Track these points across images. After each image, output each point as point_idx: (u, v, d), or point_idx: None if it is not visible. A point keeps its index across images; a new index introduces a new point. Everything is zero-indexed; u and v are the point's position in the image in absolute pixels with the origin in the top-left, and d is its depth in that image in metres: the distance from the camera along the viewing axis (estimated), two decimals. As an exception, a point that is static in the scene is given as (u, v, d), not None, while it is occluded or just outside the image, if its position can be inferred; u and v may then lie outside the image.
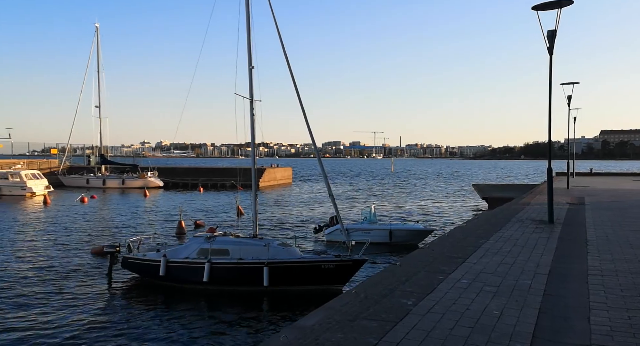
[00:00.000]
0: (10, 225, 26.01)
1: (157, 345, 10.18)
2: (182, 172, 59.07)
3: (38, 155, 72.97)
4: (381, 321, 5.36)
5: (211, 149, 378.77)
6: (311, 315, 6.60)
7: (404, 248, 19.85)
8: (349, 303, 6.74)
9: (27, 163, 51.67)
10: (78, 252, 19.16)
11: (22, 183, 42.82)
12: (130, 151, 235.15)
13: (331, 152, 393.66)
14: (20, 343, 10.12)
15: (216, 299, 13.51)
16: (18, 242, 21.10)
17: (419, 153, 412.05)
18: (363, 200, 43.18)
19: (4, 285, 14.27)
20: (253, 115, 15.95)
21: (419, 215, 31.80)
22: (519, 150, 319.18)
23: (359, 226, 21.17)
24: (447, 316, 5.58)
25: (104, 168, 55.73)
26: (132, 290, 14.37)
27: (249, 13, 15.59)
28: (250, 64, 15.62)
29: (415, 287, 6.87)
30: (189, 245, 15.22)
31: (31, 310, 12.17)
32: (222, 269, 14.05)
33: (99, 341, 10.26)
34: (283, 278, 13.94)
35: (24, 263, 17.06)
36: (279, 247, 14.64)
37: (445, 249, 10.12)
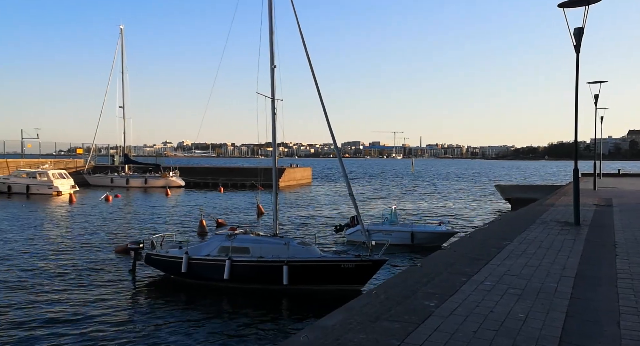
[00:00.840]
0: (37, 223, 26.74)
1: (178, 340, 10.30)
2: (203, 172, 59.73)
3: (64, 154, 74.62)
4: (403, 322, 5.30)
5: (231, 149, 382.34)
6: (331, 315, 6.58)
7: (424, 250, 19.65)
8: (369, 303, 6.70)
9: (54, 163, 53.03)
10: (103, 249, 19.57)
11: (49, 183, 43.94)
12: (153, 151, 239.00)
13: (351, 152, 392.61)
14: (46, 338, 10.37)
15: (236, 297, 13.61)
16: (45, 240, 21.66)
17: (440, 154, 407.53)
18: (383, 200, 42.94)
19: (30, 281, 14.66)
20: (274, 115, 16.00)
21: (440, 216, 31.44)
22: (542, 150, 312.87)
23: (380, 227, 21.04)
24: (470, 319, 5.48)
25: (127, 167, 56.74)
26: (155, 286, 14.60)
27: (271, 13, 15.66)
28: (272, 63, 15.67)
29: (437, 289, 6.77)
30: (210, 242, 15.39)
31: (57, 305, 12.47)
32: (243, 267, 14.15)
33: (122, 336, 10.45)
34: (302, 277, 13.95)
35: (50, 260, 17.50)
36: (298, 246, 14.66)
37: (467, 250, 9.97)
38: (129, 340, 10.27)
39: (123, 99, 56.36)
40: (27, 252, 18.91)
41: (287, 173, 56.70)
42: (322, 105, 15.59)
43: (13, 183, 44.48)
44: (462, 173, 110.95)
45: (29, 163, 51.54)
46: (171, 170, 55.48)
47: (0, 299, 12.81)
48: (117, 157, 60.69)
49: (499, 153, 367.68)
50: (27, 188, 43.93)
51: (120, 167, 57.43)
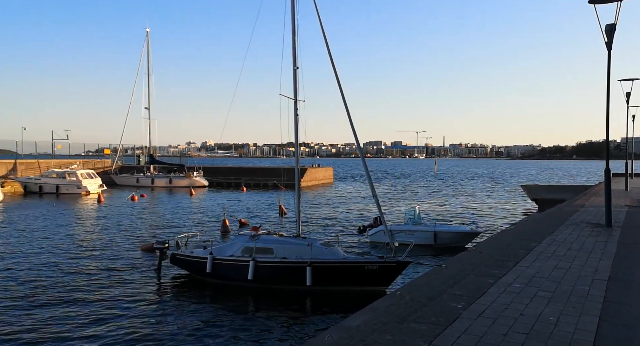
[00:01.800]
0: (67, 222, 27.49)
1: (202, 340, 10.41)
2: (226, 172, 60.36)
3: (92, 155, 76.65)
4: (430, 324, 5.23)
5: (253, 149, 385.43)
6: (356, 315, 6.54)
7: (449, 251, 19.40)
8: (394, 304, 6.64)
9: (82, 163, 54.40)
10: (129, 247, 19.97)
11: (78, 182, 45.11)
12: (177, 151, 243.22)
13: (372, 152, 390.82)
14: (72, 334, 10.63)
15: (260, 297, 13.69)
16: (73, 238, 22.24)
17: (463, 153, 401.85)
18: (406, 200, 42.58)
19: (58, 279, 15.06)
20: (297, 115, 16.04)
21: (464, 217, 30.99)
22: (570, 149, 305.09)
23: (403, 227, 20.85)
24: (499, 322, 5.37)
25: (152, 167, 57.79)
26: (180, 286, 14.81)
27: (294, 14, 15.71)
28: (295, 64, 15.73)
29: (464, 290, 6.66)
30: (234, 243, 15.51)
31: (84, 302, 12.78)
32: (266, 268, 14.22)
33: (147, 335, 10.62)
34: (326, 278, 13.93)
35: (78, 259, 17.96)
36: (321, 247, 14.65)
37: (494, 252, 9.78)
38: (154, 339, 10.44)
39: (149, 100, 57.50)
40: (56, 250, 19.45)
41: (308, 173, 56.80)
42: (345, 105, 15.55)
43: (44, 183, 45.82)
44: (487, 173, 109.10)
45: (59, 164, 53.02)
46: (195, 170, 56.25)
47: (29, 296, 13.18)
48: (142, 158, 61.88)
49: (524, 152, 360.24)
50: (57, 188, 45.19)
51: (145, 167, 58.52)
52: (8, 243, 20.75)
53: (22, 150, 61.40)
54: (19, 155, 58.89)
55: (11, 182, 45.26)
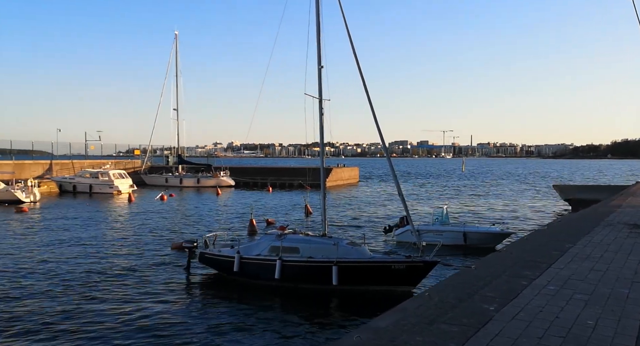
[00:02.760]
0: (99, 221, 28.27)
1: (230, 338, 10.50)
2: (252, 172, 60.92)
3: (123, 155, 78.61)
4: (462, 326, 5.11)
5: (279, 149, 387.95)
6: (384, 316, 6.47)
7: (478, 252, 19.02)
8: (422, 305, 6.53)
9: (114, 163, 55.85)
10: (159, 246, 20.37)
11: (110, 182, 46.35)
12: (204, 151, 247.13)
13: (398, 152, 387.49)
14: (102, 331, 10.89)
15: (287, 296, 13.73)
16: (105, 237, 22.85)
17: (492, 153, 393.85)
18: (433, 200, 42.03)
19: (89, 276, 15.48)
20: (322, 115, 16.02)
21: (493, 217, 30.35)
22: (605, 148, 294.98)
23: (430, 227, 20.57)
24: (534, 324, 5.20)
25: (180, 168, 58.83)
26: (209, 284, 15.00)
27: (319, 14, 15.69)
28: (319, 63, 15.71)
29: (496, 292, 6.49)
30: (260, 242, 15.61)
31: (115, 299, 13.09)
32: (293, 267, 14.25)
33: (176, 332, 10.79)
34: (352, 277, 13.86)
35: (110, 257, 18.44)
36: (348, 246, 14.58)
37: (526, 253, 9.53)
38: (183, 336, 10.58)
39: (177, 102, 58.55)
40: (88, 248, 20.01)
41: (334, 173, 56.74)
42: (370, 104, 15.44)
43: (78, 183, 47.28)
44: (517, 172, 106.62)
45: (92, 164, 54.60)
46: (222, 170, 56.96)
47: (60, 292, 13.59)
48: (171, 158, 63.09)
49: (556, 151, 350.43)
50: (90, 187, 46.55)
51: (174, 167, 59.63)
52: (44, 241, 21.48)
53: (57, 150, 63.61)
54: (54, 155, 61.01)
55: (47, 182, 46.88)
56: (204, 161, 69.92)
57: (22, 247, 20.18)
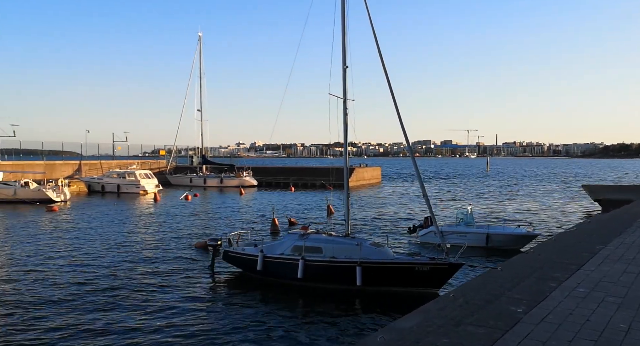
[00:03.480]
0: (126, 220, 28.91)
1: (253, 337, 10.58)
2: (275, 172, 61.27)
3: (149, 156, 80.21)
4: (489, 328, 5.03)
5: (301, 149, 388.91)
6: (408, 317, 6.42)
7: (503, 253, 18.68)
8: (447, 307, 6.46)
9: (140, 164, 57.04)
10: (184, 245, 20.71)
11: (136, 182, 47.34)
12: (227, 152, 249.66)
13: (421, 151, 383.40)
14: (130, 327, 11.12)
15: (310, 296, 13.75)
16: (132, 235, 23.35)
17: (518, 152, 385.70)
18: (457, 201, 41.46)
19: (117, 275, 15.84)
20: (346, 115, 15.99)
21: (519, 218, 29.74)
22: (637, 147, 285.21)
23: (454, 228, 20.29)
24: (564, 327, 5.08)
25: (204, 168, 59.62)
26: (232, 282, 15.16)
27: (344, 14, 15.68)
28: (344, 63, 15.69)
29: (524, 294, 6.37)
30: (283, 241, 15.69)
31: (141, 297, 13.36)
32: (316, 266, 14.27)
33: (200, 330, 10.94)
34: (376, 278, 13.80)
35: (136, 255, 18.83)
36: (371, 247, 14.52)
37: (554, 255, 9.31)
38: (206, 334, 10.72)
39: (201, 103, 59.32)
40: (115, 246, 20.49)
41: (356, 173, 56.57)
42: (395, 104, 15.33)
43: (106, 183, 48.46)
44: (544, 172, 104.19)
45: (119, 165, 55.88)
46: (245, 170, 57.47)
47: (86, 289, 13.94)
48: (195, 158, 63.97)
49: (585, 151, 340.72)
50: (117, 187, 47.65)
51: (198, 167, 60.46)
52: (73, 239, 22.09)
53: (86, 151, 65.34)
54: (83, 156, 62.67)
55: (76, 182, 48.19)
56: (227, 161, 70.64)
57: (53, 244, 20.80)
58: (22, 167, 45.57)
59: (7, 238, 22.55)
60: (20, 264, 17.09)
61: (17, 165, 45.41)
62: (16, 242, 21.51)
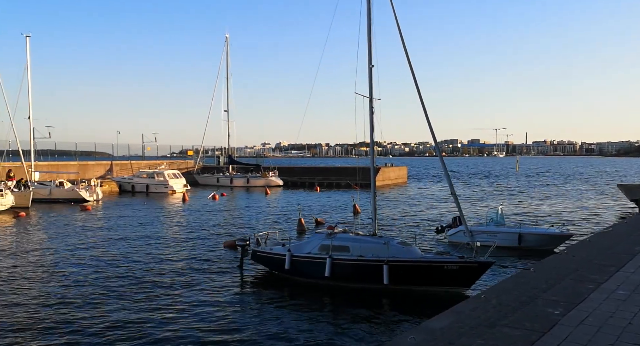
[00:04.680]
0: (156, 220, 29.55)
1: (283, 335, 10.63)
2: (300, 172, 61.46)
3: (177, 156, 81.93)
4: (525, 330, 4.90)
5: (326, 149, 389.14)
6: (439, 317, 6.34)
7: (535, 254, 18.24)
8: (479, 308, 6.34)
9: (168, 164, 58.22)
10: (212, 244, 21.01)
11: (165, 182, 48.32)
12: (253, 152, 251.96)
13: (448, 151, 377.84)
14: (159, 325, 11.34)
15: (338, 295, 13.74)
16: (161, 235, 23.84)
17: (548, 151, 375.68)
18: (485, 201, 40.70)
19: (147, 273, 16.18)
20: (372, 114, 15.91)
21: (552, 218, 28.97)
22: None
23: (484, 228, 19.92)
24: (604, 330, 4.91)
25: (231, 168, 60.33)
26: (261, 281, 15.29)
27: (370, 12, 15.61)
28: (370, 62, 15.62)
29: (560, 296, 6.19)
30: (311, 240, 15.73)
31: (170, 295, 13.62)
32: (343, 265, 14.25)
33: (229, 328, 11.07)
34: (404, 277, 13.68)
35: (165, 253, 19.22)
36: (399, 246, 14.41)
37: (590, 256, 9.02)
38: (234, 333, 10.83)
39: (227, 103, 60.01)
40: (145, 245, 20.97)
41: (382, 172, 56.23)
42: (422, 103, 15.16)
43: (136, 183, 49.64)
44: (576, 171, 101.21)
45: (149, 165, 57.17)
46: (270, 170, 57.87)
47: (119, 288, 14.28)
48: (222, 158, 64.81)
49: (619, 149, 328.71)
50: (147, 187, 48.74)
51: (225, 167, 61.21)
52: (106, 238, 22.72)
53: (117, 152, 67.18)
54: (114, 156, 64.45)
55: (108, 182, 49.56)
56: (253, 161, 71.29)
57: (86, 242, 21.44)
58: (56, 167, 47.12)
59: (45, 236, 23.39)
60: (55, 261, 17.69)
61: (52, 165, 46.99)
62: (53, 239, 22.28)
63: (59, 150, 60.41)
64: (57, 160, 52.62)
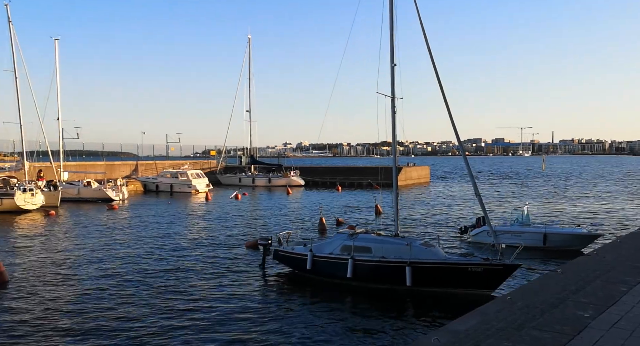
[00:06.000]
0: (179, 219, 30.01)
1: (305, 335, 10.63)
2: (322, 171, 61.50)
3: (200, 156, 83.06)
4: (554, 333, 4.77)
5: (347, 149, 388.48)
6: (464, 319, 6.23)
7: (562, 254, 17.81)
8: (505, 309, 6.21)
9: (191, 164, 59.06)
10: (234, 243, 21.20)
11: (188, 182, 49.05)
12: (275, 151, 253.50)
13: (471, 150, 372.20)
14: (181, 323, 11.47)
15: (359, 295, 13.67)
16: (185, 234, 24.18)
17: (576, 150, 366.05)
18: (511, 200, 39.94)
19: (170, 271, 16.41)
20: (394, 113, 15.79)
21: (579, 218, 28.22)
22: None
23: (509, 228, 19.54)
24: (638, 334, 4.73)
25: (253, 168, 60.82)
26: (282, 281, 15.35)
27: (392, 11, 15.48)
28: (392, 61, 15.50)
29: (591, 298, 6.01)
30: (333, 240, 15.70)
31: (192, 293, 13.79)
32: (365, 266, 14.17)
33: (250, 327, 11.13)
34: (426, 279, 13.52)
35: (189, 252, 19.49)
36: (421, 247, 14.25)
37: (621, 257, 8.74)
38: (256, 332, 10.86)
39: (249, 104, 60.53)
40: (169, 244, 21.30)
41: (404, 172, 55.79)
42: (445, 102, 14.96)
43: (160, 183, 50.54)
44: (605, 170, 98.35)
45: (172, 165, 58.13)
46: (292, 170, 58.08)
47: (142, 285, 14.53)
48: (244, 158, 65.38)
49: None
50: (171, 187, 49.57)
51: (247, 167, 61.75)
52: (132, 236, 23.18)
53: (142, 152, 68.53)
54: (140, 157, 65.72)
55: (133, 181, 50.59)
56: (275, 161, 71.67)
57: (113, 241, 21.92)
58: (84, 167, 48.36)
59: (74, 234, 24.02)
60: (84, 258, 18.14)
61: (80, 165, 48.25)
62: (81, 237, 22.86)
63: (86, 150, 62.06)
64: (85, 160, 54.02)
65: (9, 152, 45.38)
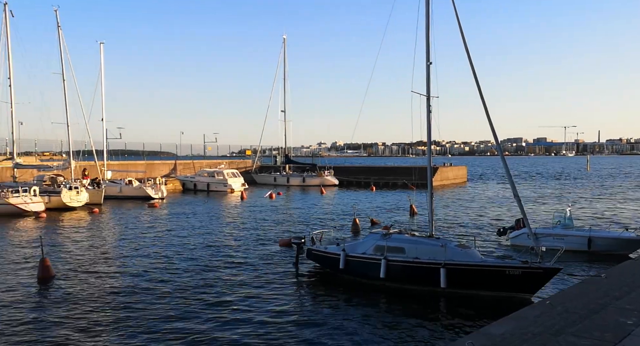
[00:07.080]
0: (216, 217, 30.66)
1: (337, 336, 10.64)
2: (356, 171, 61.33)
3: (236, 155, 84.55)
4: (594, 340, 4.58)
5: (382, 148, 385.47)
6: (500, 322, 6.09)
7: (607, 259, 17.07)
8: (544, 314, 6.02)
9: (228, 163, 60.19)
10: (268, 241, 21.48)
11: (224, 181, 50.05)
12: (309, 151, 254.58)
13: (511, 150, 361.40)
14: (216, 320, 11.71)
15: (392, 296, 13.57)
16: (221, 232, 24.68)
17: (624, 150, 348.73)
18: (552, 202, 38.54)
19: (207, 269, 16.80)
20: (429, 112, 15.57)
21: (626, 222, 26.91)
22: None
23: (550, 231, 18.88)
24: (686, 345, 4.48)
25: (287, 167, 61.35)
26: (315, 280, 15.42)
27: (428, 8, 15.28)
28: (427, 59, 15.29)
29: (635, 304, 5.72)
30: (366, 240, 15.65)
31: (227, 290, 14.06)
32: (398, 267, 14.06)
33: (282, 325, 11.24)
34: (462, 281, 13.27)
35: (225, 250, 19.90)
36: (456, 248, 14.00)
37: (671, 263, 8.27)
38: (287, 330, 10.97)
39: (284, 104, 61.07)
40: (205, 242, 21.81)
41: (440, 172, 54.87)
42: (483, 100, 14.64)
43: (197, 181, 51.82)
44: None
45: (209, 164, 59.46)
46: (326, 170, 58.20)
47: (179, 284, 14.89)
48: (279, 158, 66.04)
49: None
50: (207, 186, 50.73)
51: (281, 166, 62.36)
52: (171, 234, 23.89)
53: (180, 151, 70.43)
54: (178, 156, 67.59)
55: (172, 180, 52.10)
56: (309, 161, 72.02)
57: (153, 237, 22.66)
58: (126, 166, 50.18)
59: (117, 230, 25.01)
60: (126, 253, 18.87)
61: (122, 164, 50.11)
62: (124, 234, 23.78)
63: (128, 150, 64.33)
64: (127, 159, 56.03)
65: (58, 152, 47.60)
